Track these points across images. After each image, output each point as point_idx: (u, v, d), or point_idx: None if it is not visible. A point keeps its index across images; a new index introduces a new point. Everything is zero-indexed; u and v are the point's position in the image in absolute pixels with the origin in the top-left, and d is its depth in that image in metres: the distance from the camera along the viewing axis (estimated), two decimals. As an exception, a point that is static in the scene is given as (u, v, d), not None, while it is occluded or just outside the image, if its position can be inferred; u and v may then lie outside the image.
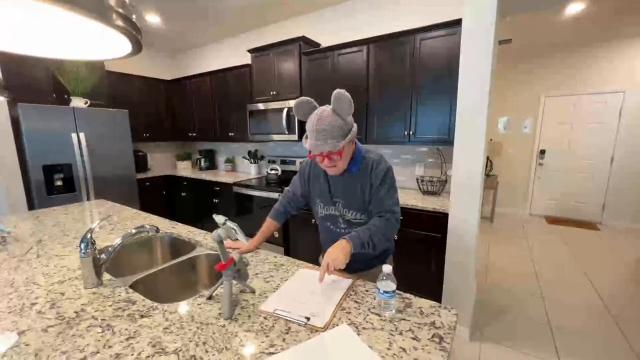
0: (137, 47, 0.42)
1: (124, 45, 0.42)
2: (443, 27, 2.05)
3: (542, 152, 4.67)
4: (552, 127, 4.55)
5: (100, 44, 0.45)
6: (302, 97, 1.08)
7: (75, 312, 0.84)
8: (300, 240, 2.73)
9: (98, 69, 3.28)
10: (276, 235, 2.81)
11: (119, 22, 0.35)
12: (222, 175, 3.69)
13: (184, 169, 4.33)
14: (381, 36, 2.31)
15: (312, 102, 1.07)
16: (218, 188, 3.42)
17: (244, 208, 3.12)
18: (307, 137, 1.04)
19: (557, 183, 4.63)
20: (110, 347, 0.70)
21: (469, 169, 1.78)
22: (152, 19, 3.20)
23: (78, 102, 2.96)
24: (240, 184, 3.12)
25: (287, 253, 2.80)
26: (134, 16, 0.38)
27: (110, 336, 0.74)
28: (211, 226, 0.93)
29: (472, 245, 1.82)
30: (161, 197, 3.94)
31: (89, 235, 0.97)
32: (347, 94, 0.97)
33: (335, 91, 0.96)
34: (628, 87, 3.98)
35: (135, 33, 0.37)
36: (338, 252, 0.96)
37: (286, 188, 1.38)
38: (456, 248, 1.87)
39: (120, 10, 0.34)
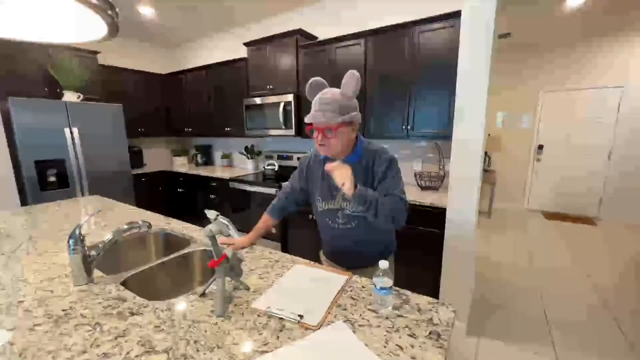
0: (113, 28, 0.39)
1: (99, 26, 0.39)
2: (442, 20, 2.01)
3: (540, 147, 4.66)
4: (551, 122, 4.54)
5: (75, 24, 0.42)
6: (317, 78, 1.08)
7: (64, 310, 0.82)
8: (297, 236, 2.71)
9: (91, 63, 3.22)
10: (274, 231, 2.79)
11: None
12: (218, 171, 3.66)
13: (180, 165, 4.29)
14: (379, 29, 2.27)
15: (325, 83, 1.08)
16: (215, 184, 3.39)
17: (241, 204, 3.09)
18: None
19: (554, 178, 4.63)
20: (98, 346, 0.68)
21: (467, 164, 1.76)
22: (146, 10, 3.13)
23: (71, 96, 2.91)
24: (237, 179, 3.10)
25: (285, 248, 2.79)
26: (110, -5, 0.35)
27: (98, 335, 0.72)
28: (208, 222, 0.90)
29: (470, 240, 1.81)
30: (157, 193, 3.91)
31: (77, 232, 0.94)
32: (358, 74, 1.00)
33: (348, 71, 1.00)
34: (627, 82, 3.97)
35: (109, 12, 0.34)
36: (350, 172, 0.94)
37: (284, 183, 1.35)
38: (454, 243, 1.86)
39: (91, -14, 0.31)
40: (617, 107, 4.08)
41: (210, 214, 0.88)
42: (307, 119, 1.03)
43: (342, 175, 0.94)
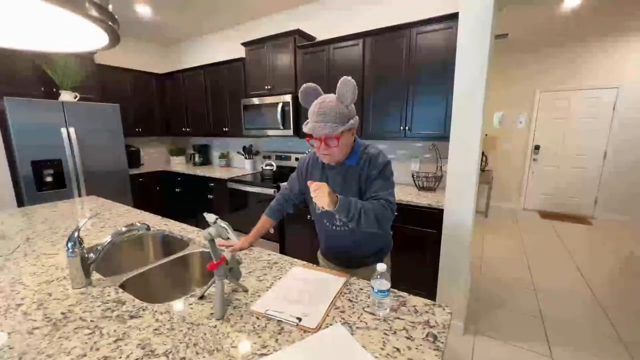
0: (114, 38, 0.40)
1: (100, 37, 0.40)
2: (439, 21, 2.02)
3: (537, 147, 4.69)
4: (547, 122, 4.57)
5: (75, 35, 0.42)
6: (309, 83, 1.07)
7: (63, 313, 0.82)
8: (295, 237, 2.72)
9: (87, 62, 3.19)
10: (271, 231, 2.79)
11: (93, 12, 0.32)
12: (216, 171, 3.65)
13: (178, 165, 4.27)
14: (377, 30, 2.28)
15: (318, 88, 1.07)
16: (213, 184, 3.39)
17: (239, 204, 3.09)
18: (307, 122, 1.03)
19: (550, 178, 4.67)
20: (97, 349, 0.68)
21: (464, 165, 1.77)
22: (142, 9, 3.11)
23: (67, 96, 2.89)
24: (235, 179, 3.09)
25: (282, 249, 2.79)
26: (110, 6, 0.35)
27: (98, 338, 0.72)
28: (206, 223, 0.91)
29: (467, 240, 1.82)
30: (155, 193, 3.89)
31: (76, 234, 0.94)
32: (353, 80, 0.98)
33: (342, 77, 0.98)
34: (622, 83, 4.00)
35: (111, 24, 0.34)
36: (327, 193, 0.92)
37: (283, 184, 1.36)
38: (451, 243, 1.88)
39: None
40: (612, 108, 4.12)
41: (209, 217, 0.89)
42: (307, 130, 1.02)
43: (319, 201, 0.93)
